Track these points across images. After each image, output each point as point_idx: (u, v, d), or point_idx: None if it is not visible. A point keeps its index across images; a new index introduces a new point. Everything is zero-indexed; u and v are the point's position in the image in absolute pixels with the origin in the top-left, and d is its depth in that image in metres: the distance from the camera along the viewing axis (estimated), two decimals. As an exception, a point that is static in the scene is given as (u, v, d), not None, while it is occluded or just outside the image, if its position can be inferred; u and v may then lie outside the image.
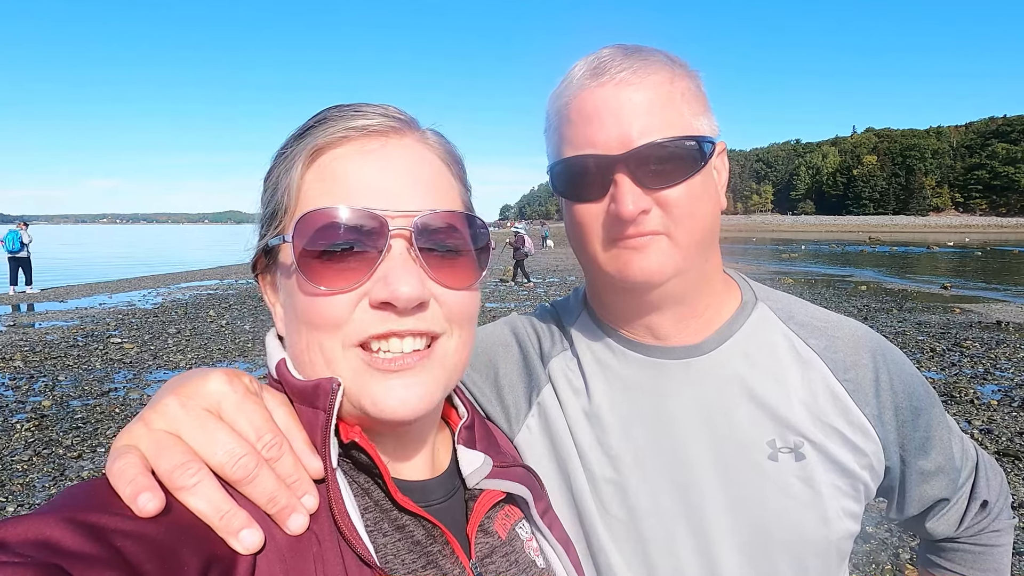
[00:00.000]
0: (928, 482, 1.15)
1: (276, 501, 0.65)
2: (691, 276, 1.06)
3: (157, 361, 10.87)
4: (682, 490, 1.06)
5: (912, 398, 1.11)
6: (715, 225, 1.08)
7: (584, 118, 1.01)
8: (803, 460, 1.05)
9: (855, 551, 4.72)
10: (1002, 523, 1.25)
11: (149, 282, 26.34)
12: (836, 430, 1.07)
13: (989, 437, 7.03)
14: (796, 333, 1.13)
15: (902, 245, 64.50)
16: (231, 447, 0.64)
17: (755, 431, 1.06)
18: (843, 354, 1.11)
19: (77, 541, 0.51)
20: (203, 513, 0.61)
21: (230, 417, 0.67)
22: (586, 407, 1.14)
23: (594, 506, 1.08)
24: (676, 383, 1.10)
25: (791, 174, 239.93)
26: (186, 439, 0.64)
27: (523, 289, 21.35)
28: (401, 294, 0.72)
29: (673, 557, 1.05)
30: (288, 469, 0.68)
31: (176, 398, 0.67)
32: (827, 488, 1.05)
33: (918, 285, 24.15)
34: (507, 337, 1.25)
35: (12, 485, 5.92)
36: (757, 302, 1.17)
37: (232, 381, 0.70)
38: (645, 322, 1.12)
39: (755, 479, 1.05)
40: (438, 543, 0.80)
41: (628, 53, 1.02)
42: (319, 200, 0.76)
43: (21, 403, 8.43)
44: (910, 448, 1.11)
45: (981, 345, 11.74)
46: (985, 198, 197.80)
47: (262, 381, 0.79)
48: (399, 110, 0.83)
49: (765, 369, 1.10)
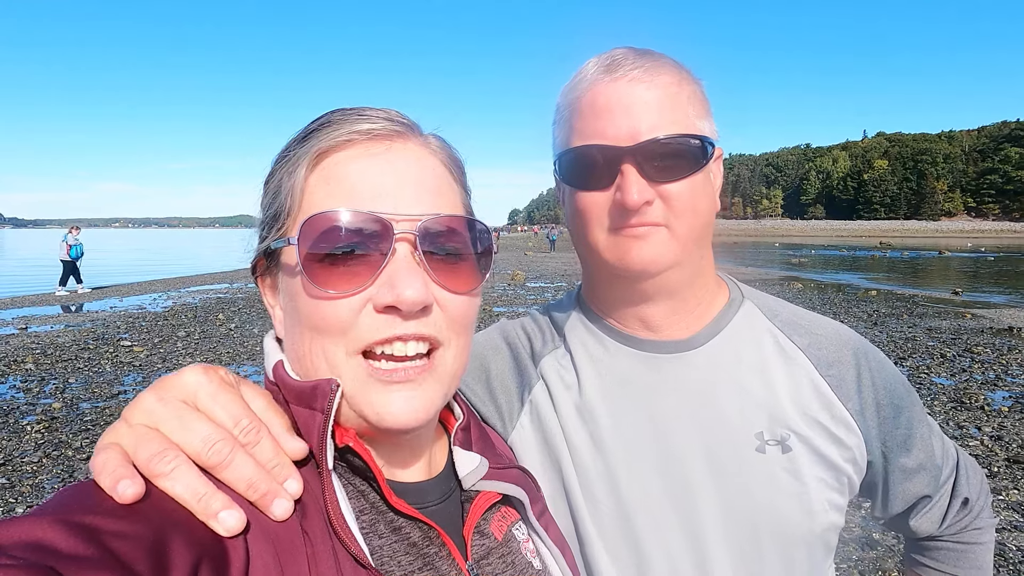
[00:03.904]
0: (910, 479, 1.19)
1: (256, 487, 0.65)
2: (686, 270, 1.10)
3: (166, 364, 10.93)
4: (672, 481, 1.09)
5: (893, 395, 1.15)
6: (710, 223, 1.12)
7: (596, 111, 1.05)
8: (790, 452, 1.08)
9: (862, 559, 4.69)
10: (983, 521, 1.28)
11: (159, 285, 26.46)
12: (820, 424, 1.10)
13: (999, 444, 6.95)
14: (781, 330, 1.17)
15: (913, 250, 64.00)
16: (206, 433, 0.65)
17: (743, 423, 1.09)
18: (826, 351, 1.15)
19: (70, 542, 0.51)
20: (182, 498, 0.61)
21: (206, 407, 0.68)
22: (578, 401, 1.16)
23: (585, 499, 1.11)
24: (667, 376, 1.13)
25: (801, 178, 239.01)
26: (164, 431, 0.65)
27: (531, 293, 21.34)
28: (406, 297, 0.72)
29: (664, 548, 1.08)
30: (267, 454, 0.68)
31: (153, 393, 0.68)
32: (813, 480, 1.08)
33: (929, 291, 23.95)
34: (497, 342, 1.27)
35: (22, 486, 5.96)
36: (744, 300, 1.21)
37: (207, 373, 0.71)
38: (639, 312, 1.15)
39: (743, 470, 1.07)
40: (434, 545, 0.80)
41: (640, 53, 1.07)
42: (324, 203, 0.76)
43: (32, 405, 8.49)
44: (892, 444, 1.15)
45: (992, 351, 11.61)
46: (998, 203, 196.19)
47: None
48: (402, 114, 0.83)
49: (752, 364, 1.13)
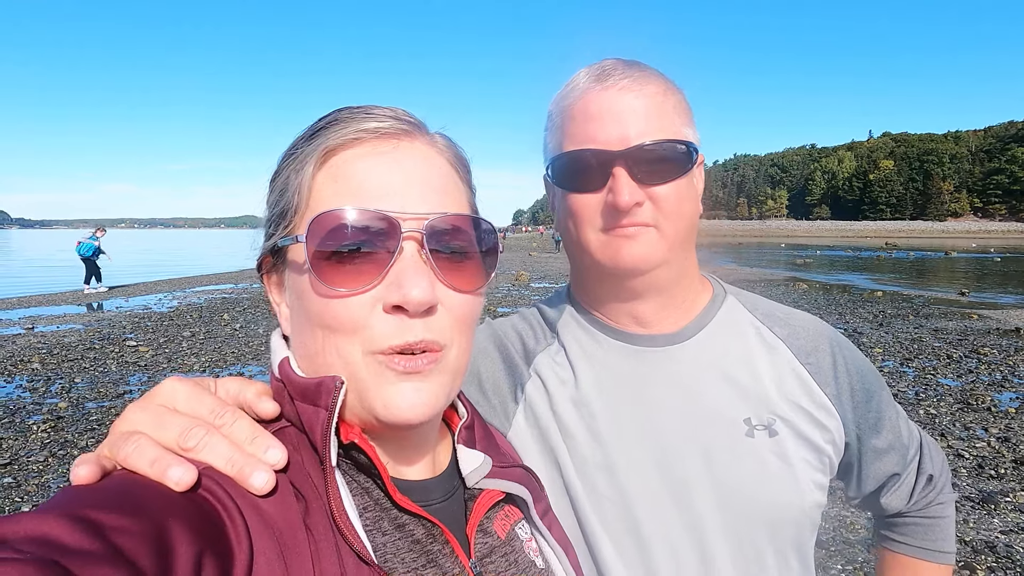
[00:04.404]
0: (881, 459, 1.28)
1: (234, 462, 0.67)
2: (673, 268, 1.17)
3: (171, 364, 10.98)
4: (667, 470, 1.14)
5: (865, 381, 1.23)
6: (695, 225, 1.19)
7: (587, 117, 1.10)
8: (776, 436, 1.15)
9: (868, 560, 4.67)
10: (945, 496, 1.39)
11: (164, 286, 26.59)
12: (803, 408, 1.17)
13: (1007, 445, 6.92)
14: (762, 322, 1.25)
15: (919, 251, 63.82)
16: (183, 424, 0.68)
17: (732, 411, 1.16)
18: (804, 341, 1.23)
19: (76, 537, 0.52)
20: (141, 468, 0.63)
21: (186, 407, 0.71)
22: (574, 395, 1.21)
23: (585, 491, 1.14)
24: (657, 368, 1.19)
25: (806, 179, 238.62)
26: (144, 431, 0.68)
27: (535, 294, 21.37)
28: (412, 298, 0.73)
29: (665, 534, 1.12)
30: (244, 432, 0.71)
31: (134, 405, 0.72)
32: (799, 462, 1.15)
33: (935, 291, 23.86)
34: (486, 344, 1.31)
35: (27, 485, 6.00)
36: (727, 295, 1.29)
37: (183, 379, 0.75)
38: (629, 309, 1.21)
39: (734, 455, 1.13)
40: (438, 542, 0.80)
41: (629, 64, 1.14)
42: (331, 201, 0.76)
43: (38, 405, 8.55)
44: (864, 427, 1.23)
45: (999, 352, 11.57)
46: (1004, 203, 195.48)
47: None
48: (408, 113, 0.84)
49: (737, 354, 1.20)
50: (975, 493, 5.81)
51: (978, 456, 6.65)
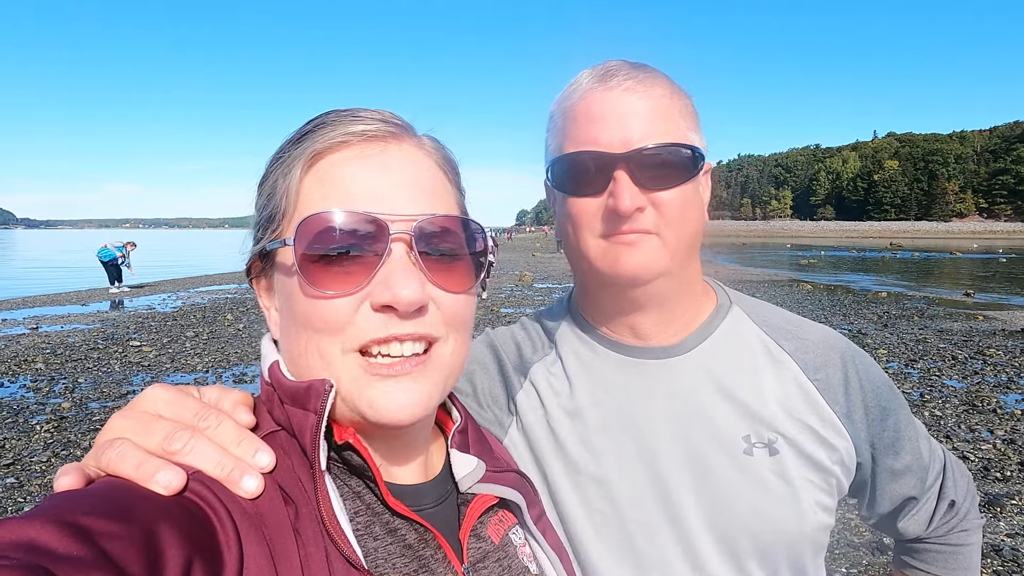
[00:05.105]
0: (898, 481, 1.21)
1: (223, 465, 0.67)
2: (675, 278, 1.12)
3: (175, 364, 11.00)
4: (660, 484, 1.10)
5: (880, 398, 1.16)
6: (699, 234, 1.14)
7: (590, 118, 1.06)
8: (777, 455, 1.09)
9: (872, 563, 4.65)
10: (970, 523, 1.29)
11: (168, 286, 26.67)
12: (808, 426, 1.12)
13: (1012, 447, 6.88)
14: (768, 335, 1.19)
15: (924, 251, 63.62)
16: (167, 428, 0.68)
17: (731, 427, 1.11)
18: (813, 355, 1.16)
19: (64, 543, 0.51)
20: (125, 473, 0.63)
21: (169, 412, 0.71)
22: (569, 406, 1.18)
23: (578, 501, 1.12)
24: (655, 381, 1.15)
25: (810, 179, 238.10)
26: (129, 437, 0.67)
27: (538, 294, 21.35)
28: (402, 297, 0.72)
29: (657, 547, 1.09)
30: (229, 435, 0.70)
31: (117, 413, 0.72)
32: (801, 482, 1.09)
33: (940, 292, 23.77)
34: (484, 354, 1.29)
35: (30, 486, 6.02)
36: (732, 306, 1.23)
37: (166, 387, 0.74)
38: (628, 321, 1.16)
39: (731, 473, 1.09)
40: (430, 547, 0.80)
41: (634, 66, 1.09)
42: (319, 204, 0.76)
43: (41, 405, 8.57)
44: (880, 447, 1.17)
45: (1005, 353, 11.51)
46: (1010, 203, 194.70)
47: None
48: (395, 115, 0.83)
49: (739, 368, 1.15)
50: (980, 496, 5.78)
51: (983, 458, 6.61)
